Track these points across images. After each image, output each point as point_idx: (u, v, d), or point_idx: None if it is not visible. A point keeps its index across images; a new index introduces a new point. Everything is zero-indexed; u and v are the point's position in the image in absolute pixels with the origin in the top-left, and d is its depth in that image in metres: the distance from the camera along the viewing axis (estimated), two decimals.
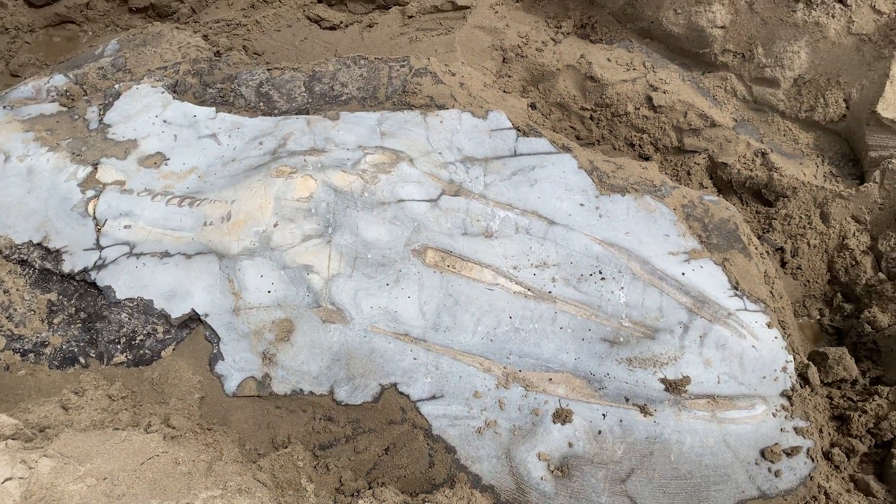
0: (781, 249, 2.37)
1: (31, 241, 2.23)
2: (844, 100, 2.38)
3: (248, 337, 2.01)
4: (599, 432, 1.81)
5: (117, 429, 1.74)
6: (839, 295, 2.30)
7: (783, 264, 2.36)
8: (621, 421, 1.82)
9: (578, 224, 2.10)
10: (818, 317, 2.30)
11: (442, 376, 1.91)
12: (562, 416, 1.81)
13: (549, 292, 2.00)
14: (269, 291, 2.03)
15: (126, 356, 2.04)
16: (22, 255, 2.21)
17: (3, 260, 2.22)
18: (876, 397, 1.94)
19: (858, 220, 2.29)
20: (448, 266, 2.04)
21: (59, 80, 2.58)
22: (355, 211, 2.11)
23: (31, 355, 2.08)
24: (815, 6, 2.38)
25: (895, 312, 2.11)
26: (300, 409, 1.93)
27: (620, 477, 1.78)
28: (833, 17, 2.36)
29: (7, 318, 2.14)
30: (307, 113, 2.41)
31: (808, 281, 2.34)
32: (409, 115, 2.35)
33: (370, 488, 1.73)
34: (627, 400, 1.85)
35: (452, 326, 1.97)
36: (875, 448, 1.90)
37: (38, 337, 2.10)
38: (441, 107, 2.37)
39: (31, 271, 2.20)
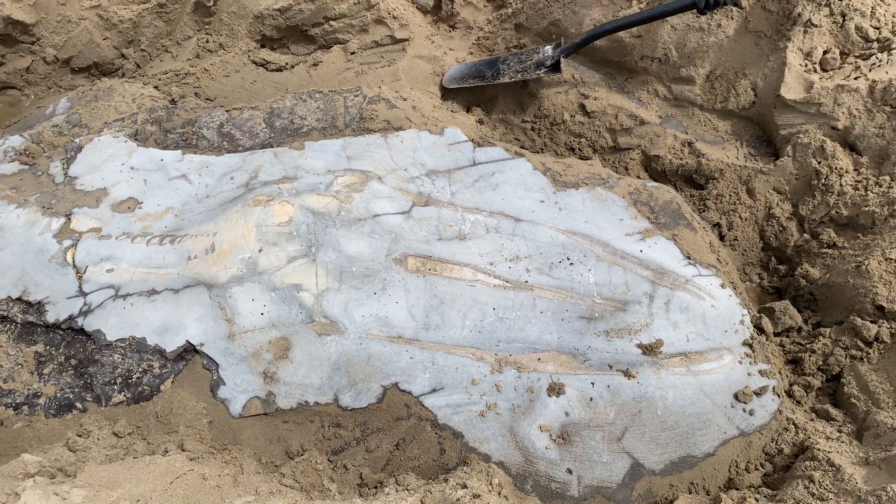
0: (718, 225, 2.63)
1: (9, 296, 2.22)
2: (752, 88, 2.70)
3: (247, 359, 2.07)
4: (591, 399, 1.97)
5: (136, 458, 1.77)
6: (773, 258, 2.57)
7: (721, 238, 2.61)
8: (609, 386, 1.98)
9: (542, 218, 2.29)
10: (758, 280, 2.56)
11: (439, 370, 2.02)
12: (555, 390, 1.96)
13: (526, 282, 2.16)
14: (262, 313, 2.11)
15: (125, 395, 2.06)
16: (1, 312, 2.21)
17: None
18: (820, 338, 2.19)
19: (779, 191, 2.58)
20: (429, 269, 2.18)
21: (15, 141, 2.60)
22: (335, 229, 2.23)
23: (25, 407, 2.06)
24: (715, 10, 2.71)
25: (823, 265, 2.39)
26: (308, 421, 2.00)
27: (616, 436, 1.93)
28: (732, 18, 2.69)
29: None
30: (271, 146, 2.52)
31: (745, 250, 2.61)
32: (370, 139, 2.50)
33: (392, 477, 1.82)
34: (611, 367, 2.02)
35: (441, 324, 2.10)
36: (827, 382, 2.14)
37: (29, 389, 2.09)
38: (398, 128, 2.53)
39: (12, 326, 2.19)
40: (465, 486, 1.61)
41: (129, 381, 2.08)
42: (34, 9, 3.01)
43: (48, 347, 2.16)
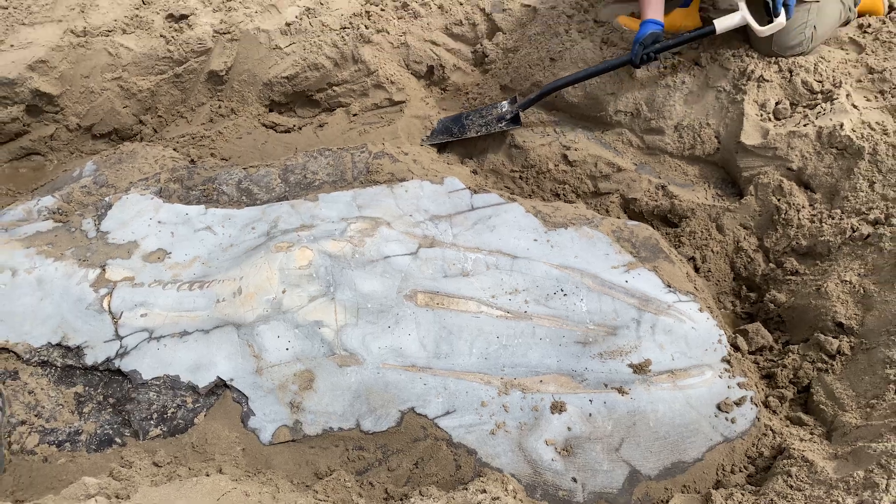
0: (693, 259, 2.87)
1: (49, 342, 2.38)
2: (715, 137, 3.00)
3: (274, 392, 2.24)
4: (590, 415, 2.16)
5: (182, 480, 1.92)
6: (744, 287, 2.81)
7: (696, 270, 2.86)
8: (605, 403, 2.18)
9: (536, 255, 2.52)
10: (732, 307, 2.79)
11: (451, 395, 2.21)
12: (558, 408, 2.15)
13: (525, 312, 2.37)
14: (287, 349, 2.29)
15: (161, 429, 2.21)
16: (42, 357, 2.36)
17: (23, 365, 2.35)
18: (790, 354, 2.42)
19: (745, 226, 2.85)
20: (437, 304, 2.38)
21: (48, 201, 2.79)
22: (350, 270, 2.43)
23: (67, 444, 2.20)
24: (678, 71, 3.03)
25: (788, 291, 2.64)
26: (333, 445, 2.16)
27: (614, 447, 2.12)
28: (694, 76, 3.01)
29: (36, 415, 2.26)
30: (287, 199, 2.74)
31: (719, 280, 2.85)
32: (378, 189, 2.74)
33: (416, 489, 1.98)
34: (606, 385, 2.21)
35: (451, 353, 2.29)
36: (798, 393, 2.36)
37: (70, 427, 2.23)
38: (402, 180, 2.77)
39: (53, 370, 2.34)
40: (484, 491, 1.78)
41: (165, 415, 2.23)
42: (60, 81, 3.24)
43: (87, 388, 2.31)
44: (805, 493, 1.80)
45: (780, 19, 2.78)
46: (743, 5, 2.88)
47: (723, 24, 2.89)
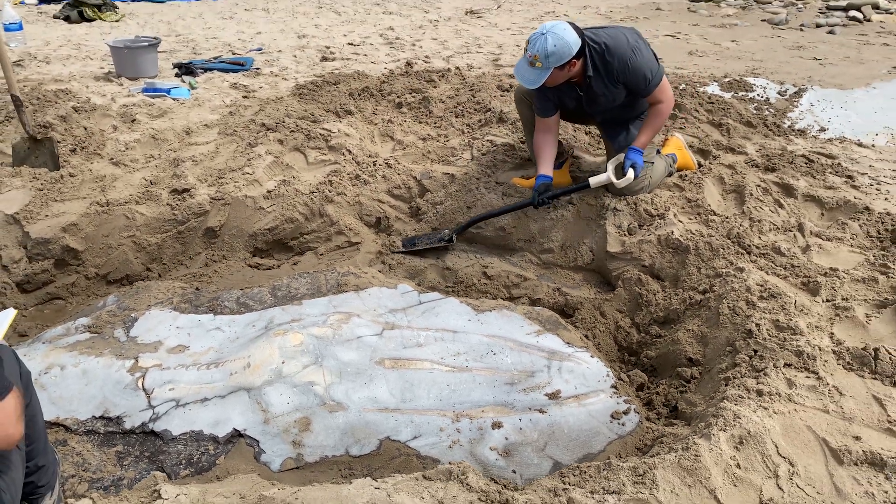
0: (586, 337, 3.72)
1: (93, 415, 2.89)
2: (590, 250, 4.00)
3: (279, 435, 2.81)
4: (521, 428, 2.83)
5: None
6: (625, 354, 3.65)
7: None
8: (531, 420, 2.87)
9: (471, 329, 3.31)
10: (619, 370, 3.60)
11: (416, 425, 2.85)
12: (497, 425, 2.82)
13: (467, 366, 3.11)
14: (287, 403, 2.90)
15: (189, 470, 2.71)
16: (87, 427, 2.86)
17: (71, 434, 2.84)
18: (661, 386, 3.21)
19: (620, 310, 3.76)
20: (400, 365, 3.09)
21: (82, 321, 3.40)
22: (332, 346, 3.14)
23: (112, 487, 2.65)
24: (558, 209, 4.11)
25: (656, 348, 3.49)
26: (328, 468, 2.72)
27: (541, 448, 2.78)
28: (570, 211, 4.09)
29: (84, 469, 2.72)
30: (277, 306, 3.47)
31: (607, 352, 3.67)
32: (348, 295, 3.52)
33: None
34: (530, 409, 2.92)
35: (413, 398, 2.97)
36: (670, 412, 3.12)
37: (113, 476, 2.70)
38: (365, 288, 3.58)
39: (96, 436, 2.83)
40: (449, 465, 2.41)
41: (192, 460, 2.74)
42: (84, 240, 3.97)
43: (126, 447, 2.80)
44: (671, 447, 2.52)
45: (629, 175, 3.89)
46: (611, 170, 3.96)
47: (594, 180, 3.95)
